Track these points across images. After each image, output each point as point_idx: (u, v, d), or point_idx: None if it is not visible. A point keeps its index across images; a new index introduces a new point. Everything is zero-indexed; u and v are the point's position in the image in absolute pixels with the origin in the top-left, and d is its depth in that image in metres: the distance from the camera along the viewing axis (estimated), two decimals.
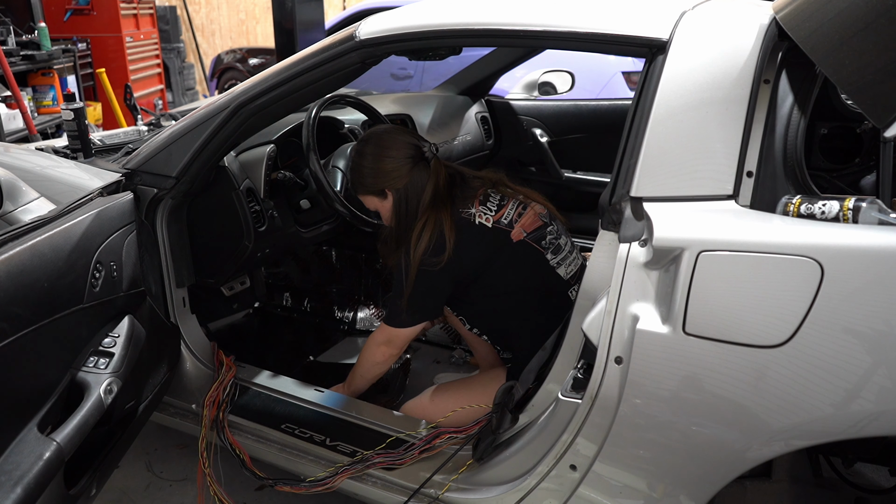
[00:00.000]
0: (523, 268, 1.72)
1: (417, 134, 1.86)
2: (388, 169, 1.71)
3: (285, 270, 2.75)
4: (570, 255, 1.78)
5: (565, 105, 3.04)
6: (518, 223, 1.72)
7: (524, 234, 1.71)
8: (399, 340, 1.80)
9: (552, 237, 1.75)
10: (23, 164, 1.78)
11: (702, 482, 1.27)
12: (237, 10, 9.76)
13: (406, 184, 1.71)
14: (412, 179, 1.70)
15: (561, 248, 1.76)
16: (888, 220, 1.12)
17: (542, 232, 1.74)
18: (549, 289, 1.74)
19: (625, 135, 1.34)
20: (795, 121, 1.32)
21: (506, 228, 1.71)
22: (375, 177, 1.73)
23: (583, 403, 1.33)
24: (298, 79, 1.65)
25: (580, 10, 1.46)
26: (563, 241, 1.78)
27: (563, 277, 1.74)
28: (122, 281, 1.60)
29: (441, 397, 1.84)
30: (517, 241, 1.70)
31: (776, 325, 1.11)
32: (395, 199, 1.73)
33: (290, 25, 4.99)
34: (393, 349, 1.82)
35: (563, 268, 1.75)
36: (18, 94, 4.45)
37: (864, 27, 1.11)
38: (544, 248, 1.73)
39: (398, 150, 1.71)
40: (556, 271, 1.74)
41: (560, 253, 1.75)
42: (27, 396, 1.31)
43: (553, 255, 1.74)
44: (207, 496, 1.82)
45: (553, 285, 1.74)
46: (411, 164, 1.71)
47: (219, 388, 1.88)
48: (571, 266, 1.78)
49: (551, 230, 1.76)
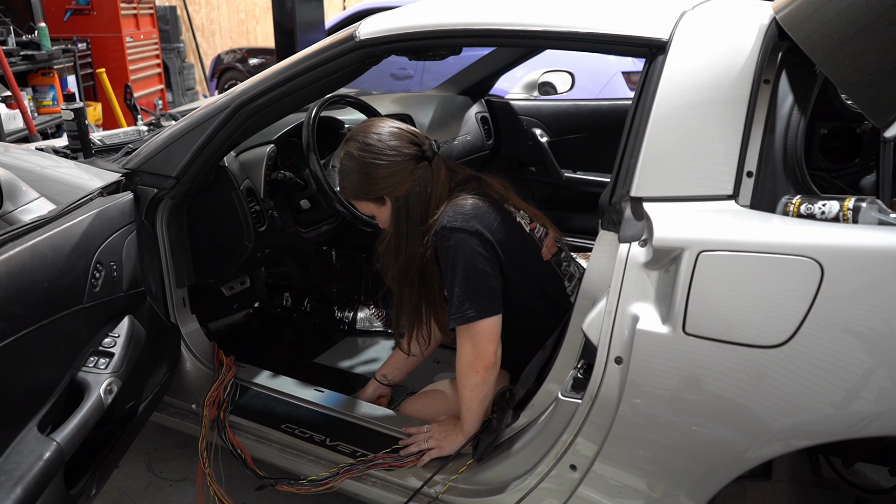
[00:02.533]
0: (545, 289, 1.60)
1: (414, 129, 1.62)
2: (383, 175, 1.51)
3: (285, 270, 2.75)
4: (579, 282, 1.57)
5: (565, 105, 3.04)
6: (545, 243, 1.61)
7: (549, 256, 1.62)
8: (482, 339, 1.48)
9: (566, 264, 1.67)
10: (23, 164, 1.78)
11: (702, 482, 1.27)
12: (237, 10, 9.76)
13: (408, 189, 1.52)
14: (414, 184, 1.52)
15: (573, 276, 1.68)
16: (888, 220, 1.12)
17: (559, 258, 1.65)
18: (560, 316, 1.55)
19: (625, 135, 1.34)
20: (795, 121, 1.32)
21: (538, 242, 1.59)
22: (369, 183, 1.53)
23: (583, 403, 1.33)
24: (298, 79, 1.65)
25: (580, 10, 1.46)
26: (573, 269, 1.69)
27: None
28: (122, 281, 1.60)
29: (440, 396, 1.84)
30: (545, 261, 1.60)
31: (776, 326, 1.11)
32: (395, 207, 1.54)
33: (290, 25, 4.99)
34: (482, 356, 1.49)
35: (574, 297, 1.54)
36: (18, 94, 4.45)
37: (864, 27, 1.11)
38: (563, 273, 1.64)
39: (394, 151, 1.52)
40: (570, 299, 1.61)
41: (573, 281, 1.67)
42: (27, 396, 1.31)
43: (569, 283, 1.66)
44: (207, 496, 1.82)
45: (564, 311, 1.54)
46: (412, 165, 1.52)
47: (219, 387, 1.87)
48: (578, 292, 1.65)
49: (565, 257, 1.68)
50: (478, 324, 1.47)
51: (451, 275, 1.48)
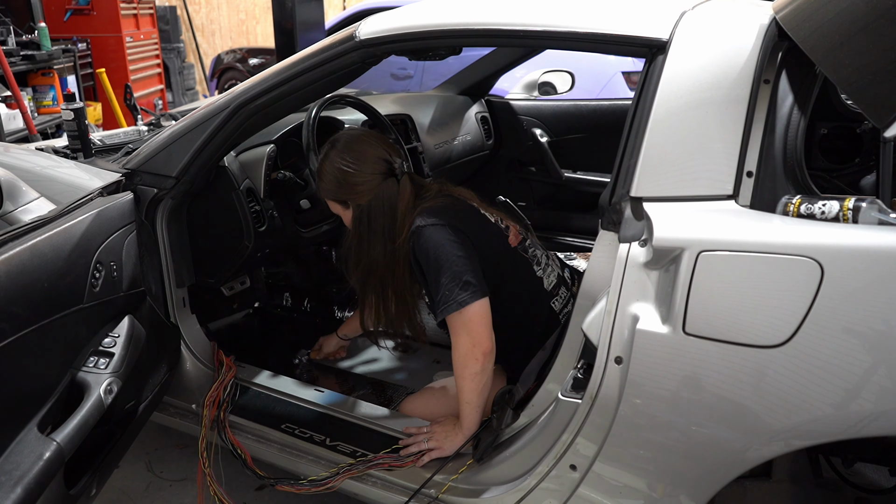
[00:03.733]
0: (515, 276, 1.69)
1: (391, 145, 1.71)
2: (352, 182, 1.63)
3: (285, 270, 2.75)
4: (548, 267, 1.77)
5: (565, 105, 3.04)
6: (510, 232, 1.71)
7: (516, 243, 1.71)
8: (476, 323, 1.51)
9: (532, 249, 1.75)
10: (23, 164, 1.78)
11: (702, 482, 1.27)
12: (237, 10, 9.76)
13: (370, 200, 1.62)
14: (377, 196, 1.62)
15: (541, 261, 1.76)
16: (888, 220, 1.12)
17: (525, 245, 1.74)
18: (534, 299, 1.72)
19: (625, 135, 1.34)
20: (795, 121, 1.32)
21: (504, 231, 1.70)
22: (339, 186, 1.65)
23: (583, 403, 1.33)
24: (298, 79, 1.65)
25: (580, 10, 1.46)
26: (540, 253, 1.77)
27: (546, 289, 1.74)
28: (122, 281, 1.60)
29: (439, 395, 1.84)
30: (513, 248, 1.70)
31: (776, 326, 1.11)
32: (356, 214, 1.65)
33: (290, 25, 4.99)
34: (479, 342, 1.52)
35: (546, 279, 1.74)
36: (18, 94, 4.45)
37: (864, 27, 1.11)
38: (531, 257, 1.73)
39: (366, 163, 1.62)
40: (543, 282, 1.73)
41: (541, 264, 1.75)
42: (27, 396, 1.31)
43: (537, 266, 1.74)
44: (207, 496, 1.82)
45: (538, 295, 1.72)
46: (379, 179, 1.62)
47: (219, 387, 1.88)
48: (552, 277, 1.77)
49: (530, 243, 1.76)
50: (470, 308, 1.51)
51: (433, 268, 1.54)
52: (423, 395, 1.88)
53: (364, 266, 1.70)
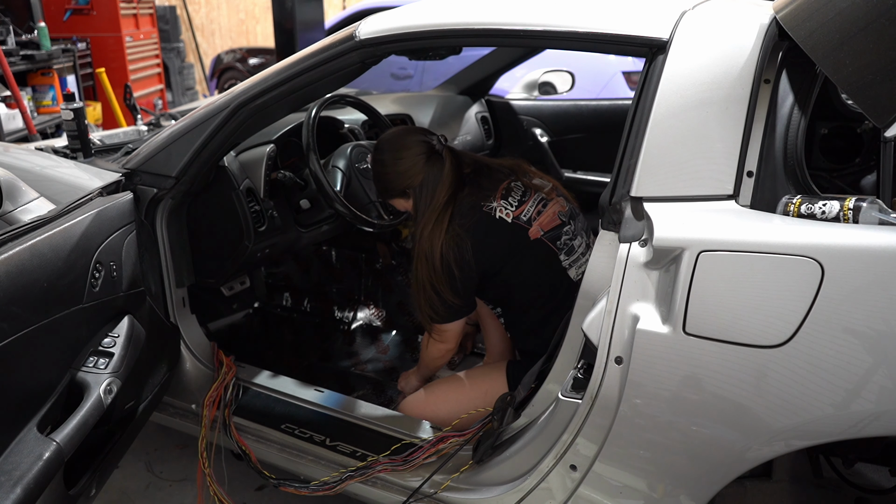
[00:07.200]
0: (537, 265, 1.73)
1: (425, 129, 1.88)
2: (404, 169, 1.74)
3: (285, 270, 2.75)
4: (582, 257, 1.77)
5: (565, 105, 3.05)
6: (537, 221, 1.72)
7: (541, 233, 1.72)
8: (449, 336, 1.81)
9: (567, 237, 1.75)
10: (23, 164, 1.78)
11: (702, 482, 1.27)
12: (237, 10, 9.77)
13: (422, 180, 1.73)
14: (427, 175, 1.72)
15: (574, 250, 1.76)
16: (888, 220, 1.12)
17: (559, 232, 1.74)
18: (557, 288, 1.74)
19: (625, 135, 1.34)
20: (796, 121, 1.32)
21: (524, 225, 1.71)
22: (396, 180, 1.75)
23: (583, 403, 1.33)
24: (298, 79, 1.65)
25: (580, 10, 1.46)
26: (577, 243, 1.77)
27: (573, 279, 1.74)
28: (121, 281, 1.60)
29: (438, 395, 1.84)
30: (534, 239, 1.71)
31: (776, 325, 1.11)
32: (416, 197, 1.75)
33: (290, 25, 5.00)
34: (447, 344, 1.84)
35: (574, 269, 1.75)
36: (18, 93, 4.45)
37: (864, 27, 1.11)
38: (559, 248, 1.73)
39: (410, 149, 1.74)
40: (567, 272, 1.74)
41: (573, 255, 1.75)
42: (27, 396, 1.31)
43: (566, 257, 1.74)
44: (207, 496, 1.82)
45: (561, 285, 1.74)
46: (424, 159, 1.73)
47: (219, 388, 1.88)
48: (583, 268, 1.74)
49: (567, 230, 1.76)
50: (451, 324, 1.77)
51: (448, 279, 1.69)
52: (421, 392, 1.88)
53: (419, 243, 1.76)
